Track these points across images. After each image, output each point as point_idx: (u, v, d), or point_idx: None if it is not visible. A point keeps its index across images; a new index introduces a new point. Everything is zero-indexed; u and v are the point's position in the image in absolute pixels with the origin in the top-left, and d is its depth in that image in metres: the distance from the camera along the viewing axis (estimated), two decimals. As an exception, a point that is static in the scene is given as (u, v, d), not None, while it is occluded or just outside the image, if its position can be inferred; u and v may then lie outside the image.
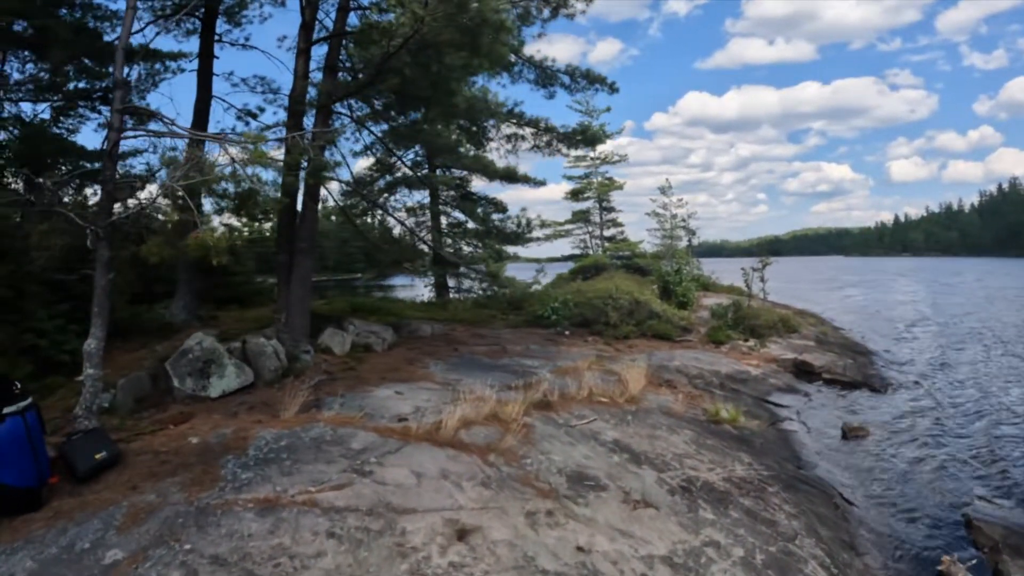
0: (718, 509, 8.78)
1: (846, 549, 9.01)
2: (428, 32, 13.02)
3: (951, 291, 64.39)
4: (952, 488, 11.95)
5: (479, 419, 10.45)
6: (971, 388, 20.05)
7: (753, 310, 26.28)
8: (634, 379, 14.40)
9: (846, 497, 11.06)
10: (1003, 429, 15.71)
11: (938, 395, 19.05)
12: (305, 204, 16.32)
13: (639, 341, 21.58)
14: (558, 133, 26.39)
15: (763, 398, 16.96)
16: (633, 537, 7.55)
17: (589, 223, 41.96)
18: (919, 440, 14.73)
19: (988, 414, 16.99)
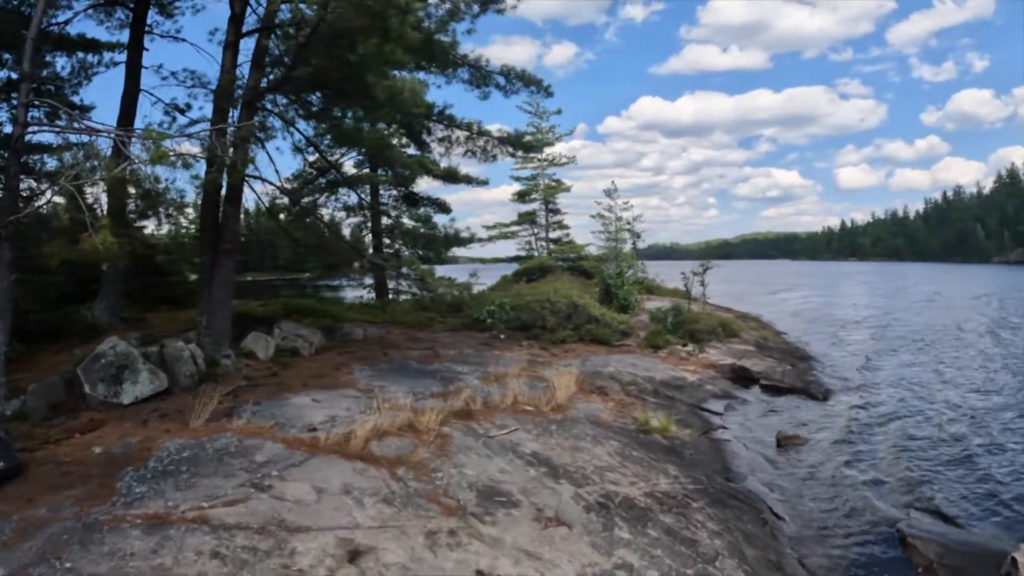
0: (636, 527, 8.41)
1: (772, 570, 8.67)
2: (336, 19, 12.70)
3: (895, 296, 65.19)
4: (888, 501, 11.71)
5: (394, 429, 10.01)
6: (911, 395, 19.98)
7: (693, 314, 26.11)
8: (563, 386, 14.01)
9: (776, 512, 10.76)
10: (942, 439, 15.58)
11: (877, 402, 18.95)
12: (227, 203, 15.79)
13: (576, 345, 21.25)
14: (493, 137, 25.90)
15: (698, 405, 16.68)
16: (541, 560, 7.15)
17: (535, 225, 41.65)
18: (856, 449, 14.55)
19: (927, 423, 16.87)
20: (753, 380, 20.01)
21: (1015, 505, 11.61)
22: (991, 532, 10.49)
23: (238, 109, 16.05)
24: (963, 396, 19.98)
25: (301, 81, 16.54)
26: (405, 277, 23.64)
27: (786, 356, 24.83)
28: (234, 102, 16.11)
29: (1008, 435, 15.82)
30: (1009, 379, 22.90)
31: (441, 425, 10.57)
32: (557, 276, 32.58)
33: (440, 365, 16.31)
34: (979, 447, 14.88)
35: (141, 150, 10.02)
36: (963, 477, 12.97)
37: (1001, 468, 13.46)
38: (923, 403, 18.93)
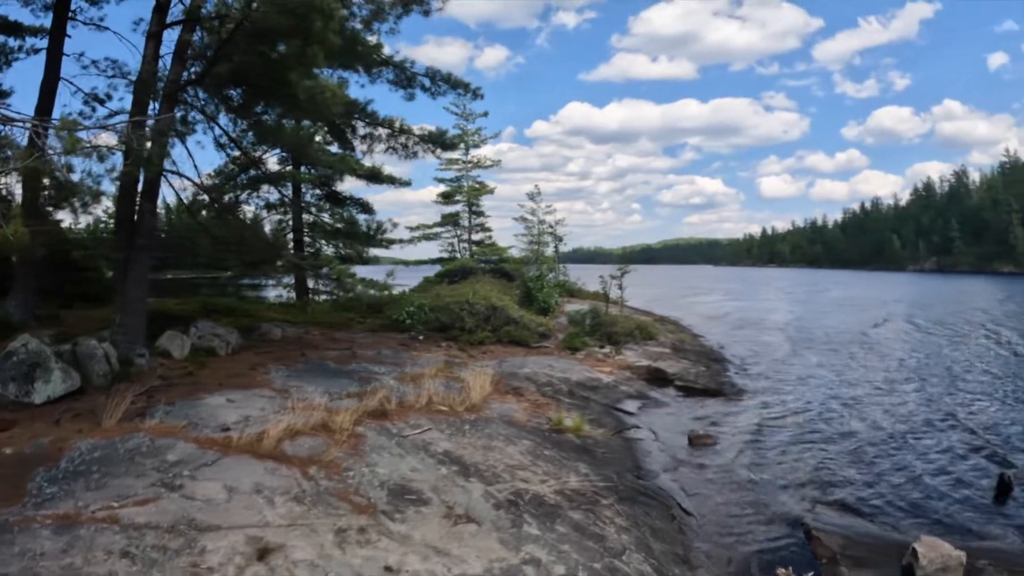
0: (544, 524, 8.56)
1: (679, 563, 8.89)
2: (259, 18, 12.65)
3: (810, 301, 66.86)
4: (795, 496, 12.11)
5: (307, 429, 10.04)
6: (819, 394, 20.68)
7: (611, 317, 26.46)
8: (479, 387, 14.18)
9: (685, 508, 11.03)
10: (847, 436, 16.16)
11: (786, 402, 19.56)
12: (143, 198, 15.56)
13: (494, 347, 21.43)
14: (415, 135, 25.88)
15: (613, 406, 16.96)
16: (449, 556, 7.27)
17: (458, 226, 41.60)
18: (765, 447, 15.01)
19: (833, 421, 17.50)
20: (668, 381, 20.40)
21: (916, 498, 12.13)
22: (893, 524, 10.91)
23: (159, 101, 15.86)
24: (868, 395, 20.73)
25: (222, 76, 16.38)
26: (324, 277, 23.51)
27: (701, 358, 25.34)
28: (155, 94, 15.90)
29: (908, 433, 16.50)
30: (910, 379, 23.83)
31: (355, 425, 10.62)
32: (479, 278, 32.66)
33: (357, 365, 16.29)
34: (882, 444, 15.50)
35: (56, 140, 9.88)
36: (867, 472, 13.50)
37: (902, 464, 14.08)
38: (830, 402, 19.64)
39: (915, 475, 13.41)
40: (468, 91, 25.16)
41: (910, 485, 12.81)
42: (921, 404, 19.67)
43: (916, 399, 20.36)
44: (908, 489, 12.63)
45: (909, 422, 17.55)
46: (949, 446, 15.42)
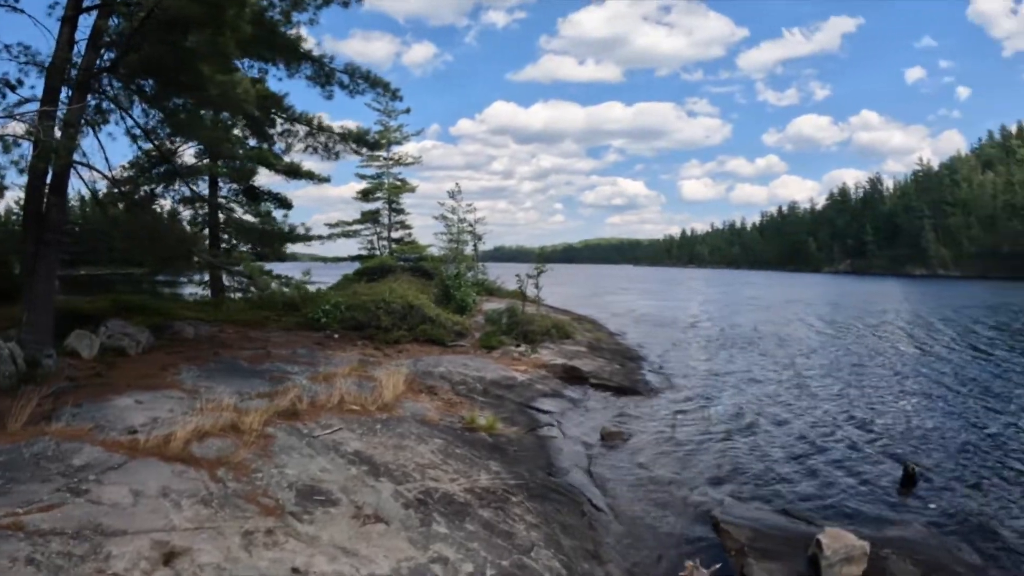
0: (454, 522, 8.64)
1: (588, 558, 9.02)
2: (170, 5, 12.44)
3: (727, 300, 68.13)
4: (705, 490, 12.38)
5: (216, 430, 9.94)
6: (731, 391, 21.29)
7: (528, 316, 26.64)
8: (392, 386, 14.17)
9: (596, 503, 11.18)
10: (756, 431, 16.63)
11: (700, 399, 20.00)
12: (51, 191, 15.18)
13: (410, 346, 21.37)
14: (335, 133, 25.59)
15: (527, 404, 17.08)
16: (357, 556, 7.31)
17: (378, 224, 41.26)
18: (676, 443, 15.30)
19: (743, 416, 17.99)
20: (583, 379, 20.60)
21: (824, 491, 12.54)
22: (801, 516, 11.16)
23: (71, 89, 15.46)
24: (777, 392, 21.34)
25: (135, 65, 16.00)
26: (238, 274, 23.17)
27: (617, 356, 25.67)
28: (67, 81, 15.51)
29: (816, 427, 17.06)
30: (818, 375, 24.56)
31: (265, 425, 10.54)
32: (398, 276, 32.53)
33: (270, 365, 16.12)
34: (791, 439, 16.02)
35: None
36: (775, 466, 13.91)
37: (810, 458, 14.54)
38: (741, 399, 20.19)
39: (823, 469, 13.86)
40: (387, 91, 25.05)
41: (818, 478, 13.24)
42: (828, 400, 20.34)
43: (824, 395, 21.05)
44: (816, 482, 13.05)
45: (817, 417, 18.12)
46: (856, 440, 15.96)
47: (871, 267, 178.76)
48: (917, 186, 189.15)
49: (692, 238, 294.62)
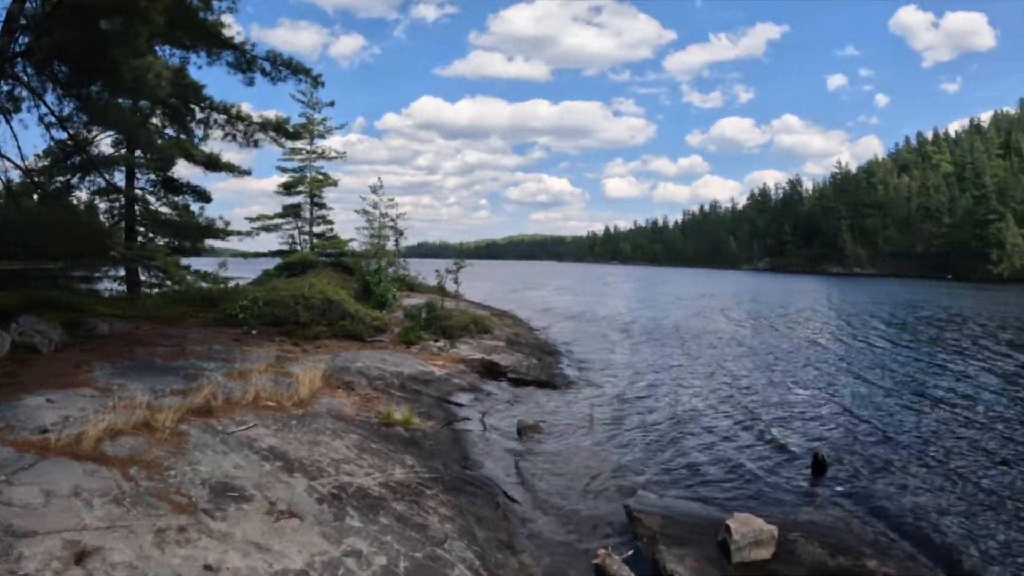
0: (367, 516, 8.71)
1: (502, 549, 9.15)
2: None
3: (647, 296, 69.35)
4: (619, 480, 12.62)
5: (128, 428, 9.81)
6: (646, 384, 21.69)
7: (446, 311, 26.77)
8: (308, 382, 14.13)
9: (511, 495, 11.36)
10: (673, 422, 17.02)
11: (616, 391, 20.36)
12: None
13: (329, 342, 21.21)
14: (254, 122, 25.18)
15: (444, 399, 17.23)
16: (270, 551, 7.34)
17: (300, 218, 40.81)
18: (592, 435, 15.59)
19: (657, 408, 18.37)
20: (501, 374, 20.78)
21: (736, 478, 12.96)
22: (713, 503, 11.52)
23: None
24: (692, 384, 21.92)
25: (48, 51, 15.67)
26: (155, 269, 22.75)
27: (535, 351, 25.93)
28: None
29: (730, 417, 17.64)
30: (732, 367, 25.22)
31: (179, 423, 10.44)
32: (319, 272, 32.26)
33: (186, 362, 15.86)
34: (705, 428, 16.48)
35: None
36: (689, 455, 14.27)
37: (724, 446, 14.99)
38: (657, 390, 20.64)
39: (736, 458, 14.26)
40: (310, 78, 24.67)
41: (731, 467, 13.62)
42: (743, 391, 20.95)
43: (738, 386, 21.67)
44: (729, 471, 13.42)
45: (732, 408, 18.68)
46: (769, 430, 16.47)
47: (790, 265, 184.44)
48: (835, 188, 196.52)
49: (615, 235, 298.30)
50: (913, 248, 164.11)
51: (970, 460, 14.36)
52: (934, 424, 17.23)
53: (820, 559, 9.34)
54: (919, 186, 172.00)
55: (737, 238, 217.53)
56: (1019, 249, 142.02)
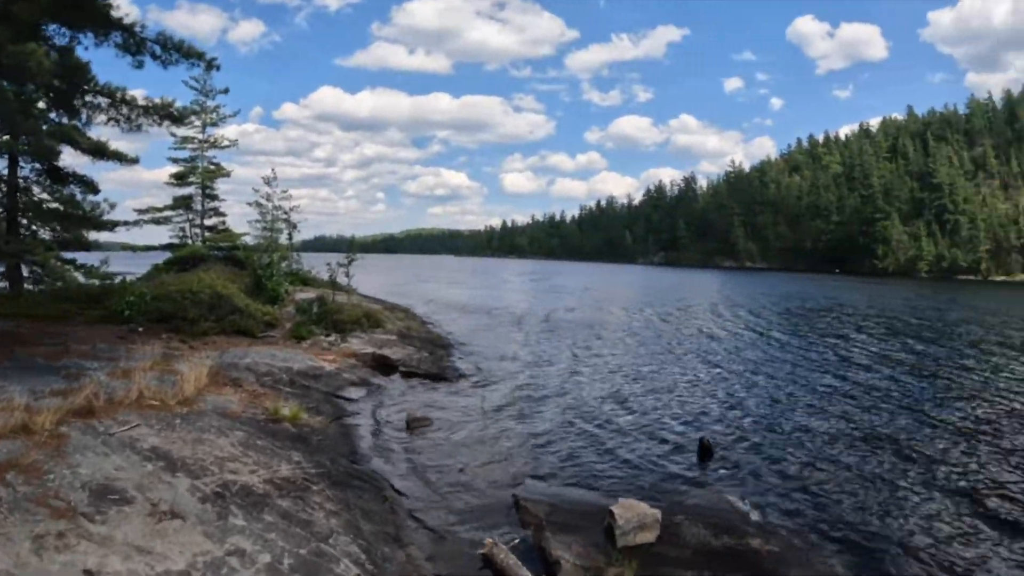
0: (251, 514, 8.65)
1: (389, 542, 9.19)
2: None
3: (541, 289, 70.05)
4: (508, 470, 12.77)
5: (6, 432, 9.48)
6: (536, 375, 21.96)
7: (338, 305, 26.58)
8: (194, 379, 13.82)
9: (398, 488, 11.40)
10: (561, 410, 17.37)
11: (506, 382, 20.59)
12: None
13: (218, 338, 20.77)
14: (139, 106, 24.24)
15: (334, 394, 17.13)
16: (152, 553, 7.24)
17: (191, 210, 39.48)
18: (481, 426, 15.71)
19: (549, 399, 18.63)
20: (392, 368, 20.78)
21: (624, 465, 13.28)
22: (601, 490, 11.78)
23: None
24: (582, 372, 22.45)
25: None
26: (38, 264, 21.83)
27: (427, 344, 25.92)
28: None
29: (618, 404, 18.15)
30: (621, 356, 25.86)
31: (58, 425, 10.12)
32: (210, 266, 31.48)
33: (69, 361, 15.25)
34: (593, 416, 16.87)
35: None
36: (577, 444, 14.54)
37: (612, 434, 15.35)
38: (546, 380, 20.97)
39: (624, 445, 14.58)
40: (203, 61, 23.89)
41: (619, 455, 13.90)
42: (633, 380, 21.48)
43: (629, 376, 22.24)
44: (617, 459, 13.71)
45: (622, 397, 19.11)
46: (658, 417, 16.93)
47: (684, 260, 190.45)
48: (729, 186, 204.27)
49: (513, 230, 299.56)
50: (803, 244, 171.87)
51: (847, 443, 15.15)
52: (815, 410, 18.11)
53: (704, 540, 9.73)
54: (809, 185, 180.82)
55: (633, 233, 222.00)
56: (903, 245, 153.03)
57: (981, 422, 16.98)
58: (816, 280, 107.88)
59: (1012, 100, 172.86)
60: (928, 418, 17.22)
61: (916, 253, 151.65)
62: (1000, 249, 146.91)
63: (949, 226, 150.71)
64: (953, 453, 14.45)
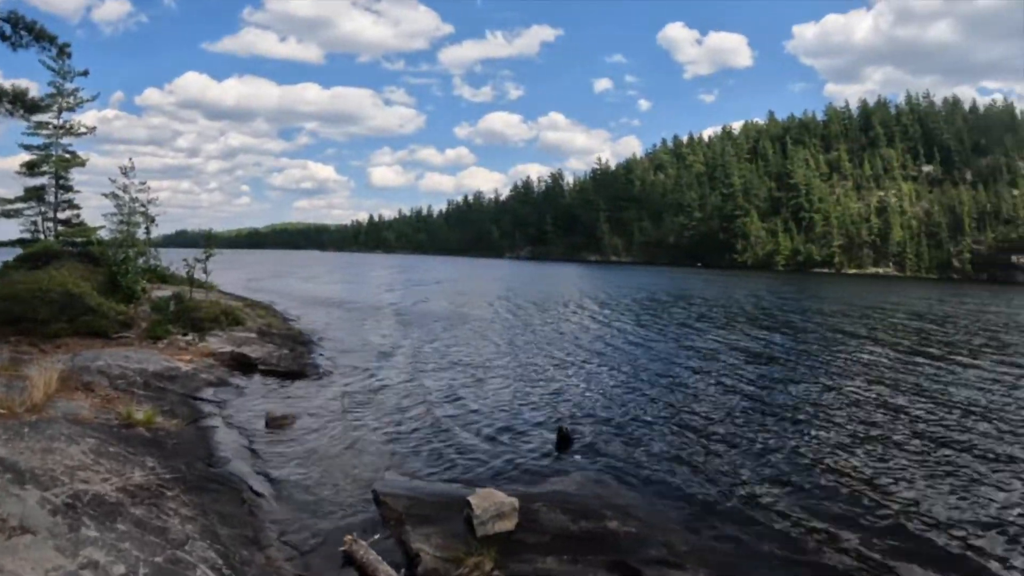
0: (104, 524, 8.33)
1: (247, 545, 9.06)
2: None
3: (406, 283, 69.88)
4: (369, 466, 12.76)
5: None
6: (399, 370, 21.99)
7: (196, 302, 25.89)
8: (44, 384, 13.10)
9: (257, 490, 11.22)
10: (425, 405, 17.47)
11: (367, 378, 20.49)
12: None
13: (71, 340, 19.87)
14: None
15: (191, 395, 16.68)
16: (3, 572, 6.95)
17: (44, 203, 37.42)
18: (342, 422, 15.59)
19: (412, 394, 18.69)
20: (252, 366, 20.40)
21: (484, 456, 13.50)
22: (458, 481, 11.92)
23: None
24: (447, 367, 22.52)
25: None
26: None
27: (288, 341, 25.53)
28: None
29: (480, 399, 18.39)
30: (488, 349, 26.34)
31: None
32: (64, 263, 30.06)
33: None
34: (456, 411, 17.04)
35: None
36: (439, 438, 14.66)
37: (473, 427, 15.52)
38: (409, 375, 21.08)
39: (485, 434, 14.90)
40: (55, 46, 22.85)
41: (480, 446, 14.11)
42: (496, 371, 22.02)
43: (491, 367, 22.81)
44: (478, 448, 13.98)
45: (483, 387, 19.57)
46: (518, 408, 17.34)
47: (550, 254, 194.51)
48: (595, 183, 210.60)
49: (380, 224, 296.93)
50: (666, 239, 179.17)
51: (699, 426, 16.02)
52: (667, 394, 19.04)
53: (563, 525, 9.99)
54: (673, 183, 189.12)
55: (500, 228, 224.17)
56: (761, 241, 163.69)
57: (807, 401, 18.78)
58: (677, 273, 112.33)
59: (867, 109, 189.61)
60: (763, 399, 18.77)
61: (773, 248, 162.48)
62: (852, 244, 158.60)
63: (805, 223, 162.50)
64: (787, 429, 15.90)
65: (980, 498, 11.89)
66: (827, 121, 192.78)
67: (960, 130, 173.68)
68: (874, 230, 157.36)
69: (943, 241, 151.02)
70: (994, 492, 12.18)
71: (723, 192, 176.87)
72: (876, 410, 17.77)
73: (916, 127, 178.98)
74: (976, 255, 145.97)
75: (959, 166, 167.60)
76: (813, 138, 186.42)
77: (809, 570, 9.28)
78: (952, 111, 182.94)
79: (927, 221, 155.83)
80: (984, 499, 11.86)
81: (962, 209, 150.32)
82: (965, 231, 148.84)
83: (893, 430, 15.96)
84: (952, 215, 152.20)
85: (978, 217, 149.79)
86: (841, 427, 16.11)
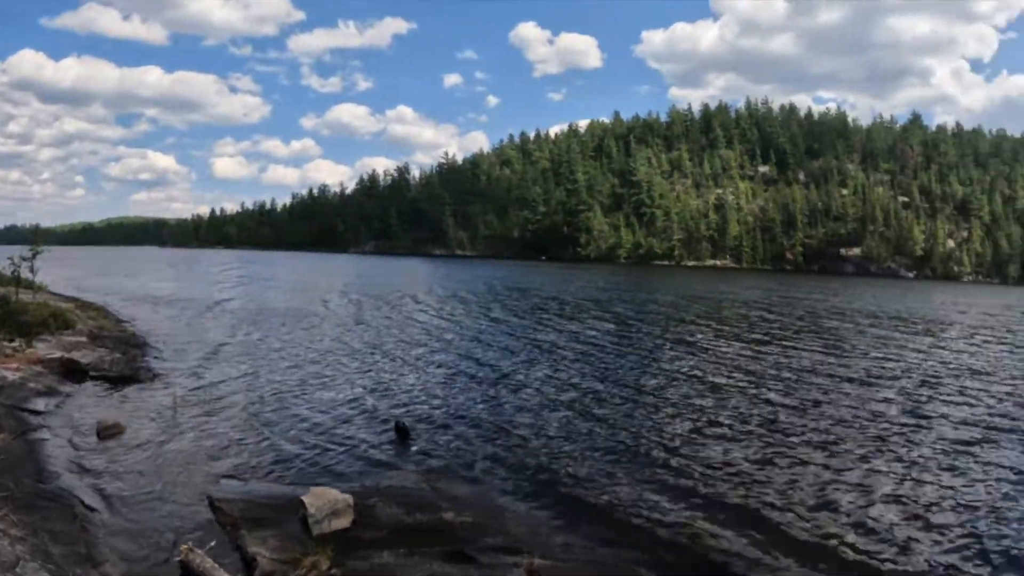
0: (-76, 550, 7.90)
1: (81, 562, 8.69)
2: None
3: (246, 281, 67.91)
4: (204, 472, 12.41)
5: None
6: (238, 371, 21.48)
7: (22, 304, 24.46)
8: None
9: (89, 504, 10.75)
10: (261, 407, 17.10)
11: (203, 381, 19.93)
12: None
13: None
14: None
15: (18, 406, 15.68)
16: None
17: None
18: (176, 428, 15.09)
19: (249, 394, 18.43)
20: (83, 372, 19.43)
21: (321, 456, 13.38)
22: (295, 483, 11.72)
23: None
24: (284, 367, 22.29)
25: None
26: None
27: (120, 345, 24.48)
28: None
29: (319, 398, 18.28)
30: (329, 347, 26.01)
31: None
32: None
33: None
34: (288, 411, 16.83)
35: None
36: (273, 438, 14.50)
37: (310, 428, 15.36)
38: (246, 375, 20.70)
39: (322, 433, 14.82)
40: None
41: (317, 446, 13.97)
42: (334, 368, 22.04)
43: (329, 364, 22.80)
44: (315, 447, 13.85)
45: (321, 385, 19.47)
46: (356, 405, 17.29)
47: (395, 248, 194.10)
48: (442, 177, 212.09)
49: (222, 218, 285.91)
50: (511, 233, 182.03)
51: (534, 414, 16.73)
52: (507, 387, 19.60)
53: (399, 518, 10.11)
54: (519, 178, 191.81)
55: (345, 222, 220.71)
56: (604, 235, 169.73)
57: (631, 386, 20.09)
58: (520, 267, 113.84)
59: (709, 112, 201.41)
60: (592, 388, 19.75)
61: (616, 242, 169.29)
62: (692, 239, 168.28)
63: (646, 218, 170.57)
64: (615, 414, 16.91)
65: (792, 466, 13.36)
66: (670, 122, 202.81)
67: (795, 135, 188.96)
68: (712, 225, 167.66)
69: (777, 236, 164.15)
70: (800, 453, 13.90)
71: (568, 188, 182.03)
72: (696, 389, 19.46)
73: (754, 131, 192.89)
74: (808, 248, 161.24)
75: (793, 167, 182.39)
76: (656, 138, 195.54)
77: (636, 551, 9.72)
78: (788, 117, 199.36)
79: (762, 217, 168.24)
80: (788, 464, 13.42)
81: (795, 207, 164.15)
82: (798, 227, 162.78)
83: (712, 408, 17.53)
84: (786, 212, 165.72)
85: (810, 214, 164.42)
86: (664, 407, 17.50)
